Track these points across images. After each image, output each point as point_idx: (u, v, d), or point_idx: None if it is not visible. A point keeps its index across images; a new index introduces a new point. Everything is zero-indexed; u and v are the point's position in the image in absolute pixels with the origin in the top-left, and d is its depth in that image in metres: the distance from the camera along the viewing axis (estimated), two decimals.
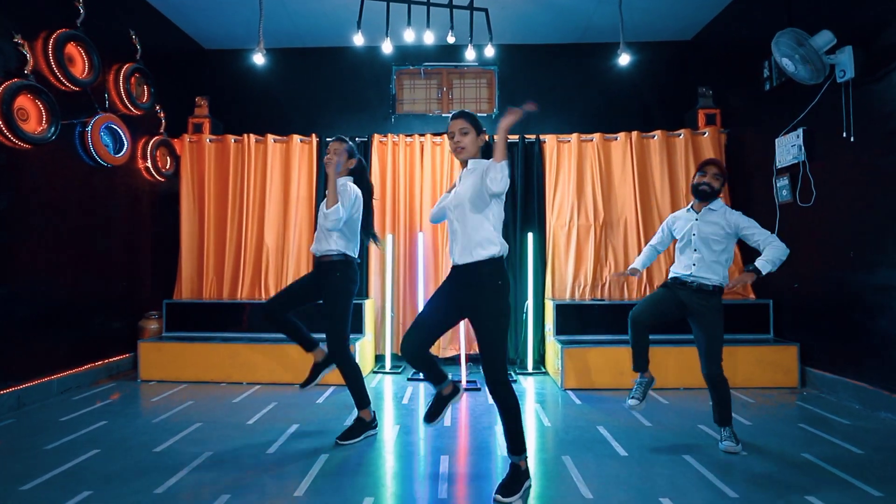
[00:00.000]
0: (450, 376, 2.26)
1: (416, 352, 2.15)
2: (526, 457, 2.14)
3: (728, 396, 2.62)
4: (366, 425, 2.80)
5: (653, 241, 2.97)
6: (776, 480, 2.20)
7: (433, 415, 2.22)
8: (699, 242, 2.66)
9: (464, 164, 2.21)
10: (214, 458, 2.48)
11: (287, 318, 2.85)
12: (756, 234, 2.60)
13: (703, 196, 2.67)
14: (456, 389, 2.27)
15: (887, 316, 3.12)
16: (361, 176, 2.94)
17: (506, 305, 2.08)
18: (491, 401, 2.95)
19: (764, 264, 2.50)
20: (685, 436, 2.79)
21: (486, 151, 2.24)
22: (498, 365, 2.06)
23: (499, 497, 2.02)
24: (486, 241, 2.07)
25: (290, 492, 2.12)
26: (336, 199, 2.69)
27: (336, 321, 2.76)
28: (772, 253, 2.53)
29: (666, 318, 2.73)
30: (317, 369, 2.90)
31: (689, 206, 2.81)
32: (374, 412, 2.88)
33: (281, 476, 2.28)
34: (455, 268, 2.14)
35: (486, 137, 2.24)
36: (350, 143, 2.91)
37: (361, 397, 2.82)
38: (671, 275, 2.78)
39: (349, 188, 2.80)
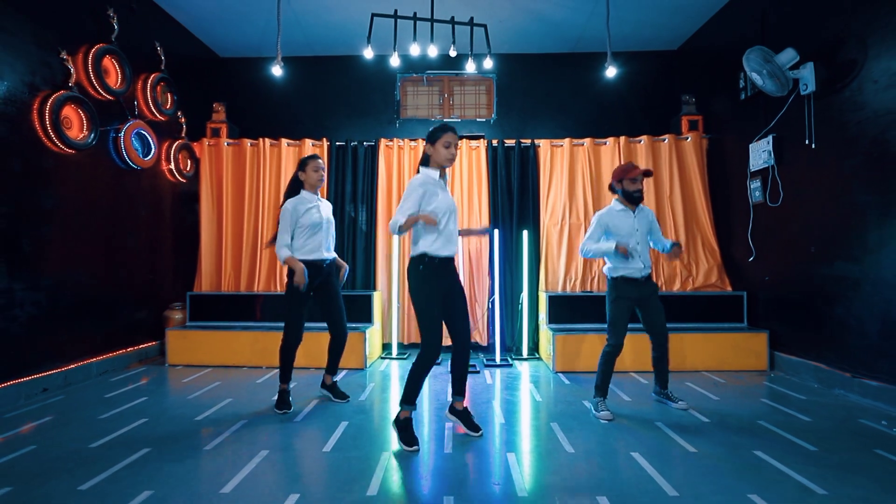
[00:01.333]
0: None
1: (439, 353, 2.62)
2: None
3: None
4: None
5: (594, 238, 3.13)
6: (731, 439, 2.59)
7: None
8: (640, 237, 3.09)
9: (442, 173, 2.65)
10: (249, 425, 2.86)
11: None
12: (659, 231, 3.23)
13: (639, 201, 3.10)
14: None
15: (842, 304, 3.51)
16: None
17: None
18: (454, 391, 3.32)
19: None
20: (658, 409, 3.17)
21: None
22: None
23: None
24: None
25: (319, 448, 2.50)
26: None
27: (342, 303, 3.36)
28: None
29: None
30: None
31: (619, 208, 3.11)
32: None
33: (310, 437, 2.66)
34: (449, 260, 2.62)
35: None
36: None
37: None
38: (617, 274, 3.04)
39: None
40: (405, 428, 2.55)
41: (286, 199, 3.19)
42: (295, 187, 3.23)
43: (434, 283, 2.56)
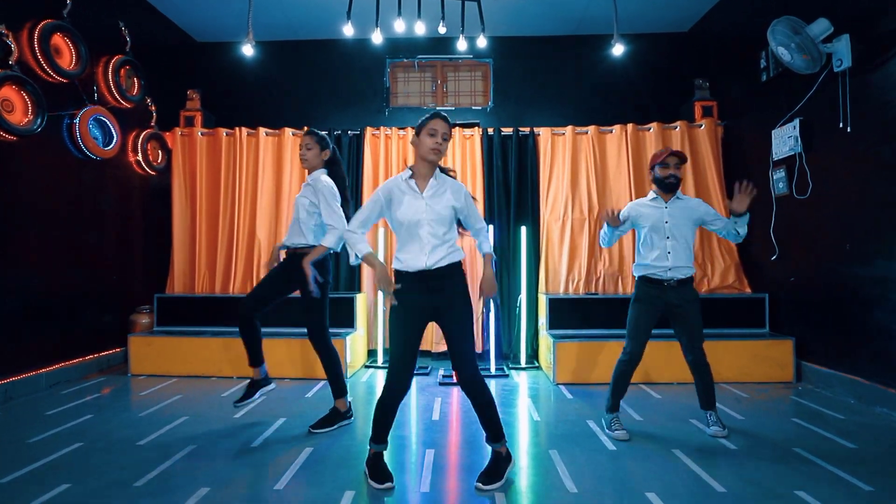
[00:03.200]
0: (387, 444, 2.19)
1: (407, 385, 2.12)
2: (505, 442, 2.15)
3: (712, 380, 2.70)
4: (341, 415, 2.82)
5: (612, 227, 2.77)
6: (766, 475, 2.16)
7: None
8: (673, 230, 2.67)
9: (430, 168, 2.13)
10: (198, 452, 2.45)
11: (256, 322, 2.85)
12: (718, 223, 2.72)
13: (671, 188, 2.69)
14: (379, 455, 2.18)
15: (883, 308, 3.08)
16: (335, 167, 2.89)
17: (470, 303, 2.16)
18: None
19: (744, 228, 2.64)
20: (675, 430, 2.75)
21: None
22: (471, 359, 2.09)
23: (480, 485, 2.02)
24: (456, 246, 2.15)
25: (270, 484, 2.09)
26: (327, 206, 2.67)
27: (315, 312, 2.76)
28: (742, 228, 2.64)
29: (651, 333, 2.71)
30: (255, 386, 2.91)
31: (652, 198, 2.76)
32: (349, 402, 2.89)
33: (263, 469, 2.25)
34: (422, 274, 2.07)
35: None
36: (321, 133, 2.87)
37: (339, 387, 2.84)
38: (643, 274, 2.70)
39: (325, 183, 2.74)
40: (373, 465, 2.13)
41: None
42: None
43: (405, 303, 2.08)
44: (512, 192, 4.72)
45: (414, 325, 2.09)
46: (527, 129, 4.81)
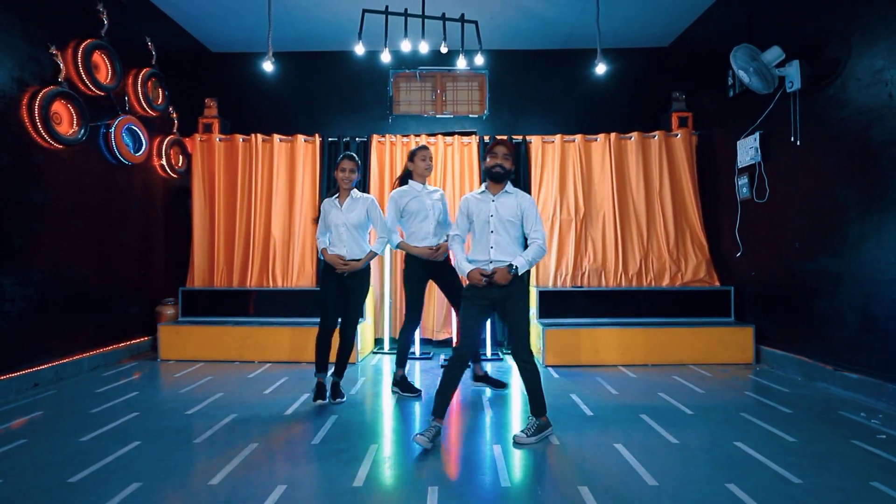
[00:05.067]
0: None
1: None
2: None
3: (538, 380, 2.62)
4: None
5: (457, 232, 2.82)
6: (713, 431, 2.65)
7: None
8: (497, 224, 2.63)
9: (347, 190, 3.18)
10: (239, 419, 2.89)
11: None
12: (532, 224, 2.68)
13: (497, 178, 2.65)
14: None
15: (825, 298, 3.57)
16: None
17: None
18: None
19: (523, 264, 2.61)
20: (646, 401, 3.22)
21: None
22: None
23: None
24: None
25: (307, 440, 2.54)
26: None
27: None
28: (531, 253, 2.64)
29: (484, 324, 2.74)
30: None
31: (482, 190, 2.74)
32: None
33: (299, 430, 2.70)
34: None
35: None
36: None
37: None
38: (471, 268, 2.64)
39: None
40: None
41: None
42: (404, 178, 3.53)
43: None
44: None
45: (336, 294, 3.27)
46: (519, 137, 5.26)
